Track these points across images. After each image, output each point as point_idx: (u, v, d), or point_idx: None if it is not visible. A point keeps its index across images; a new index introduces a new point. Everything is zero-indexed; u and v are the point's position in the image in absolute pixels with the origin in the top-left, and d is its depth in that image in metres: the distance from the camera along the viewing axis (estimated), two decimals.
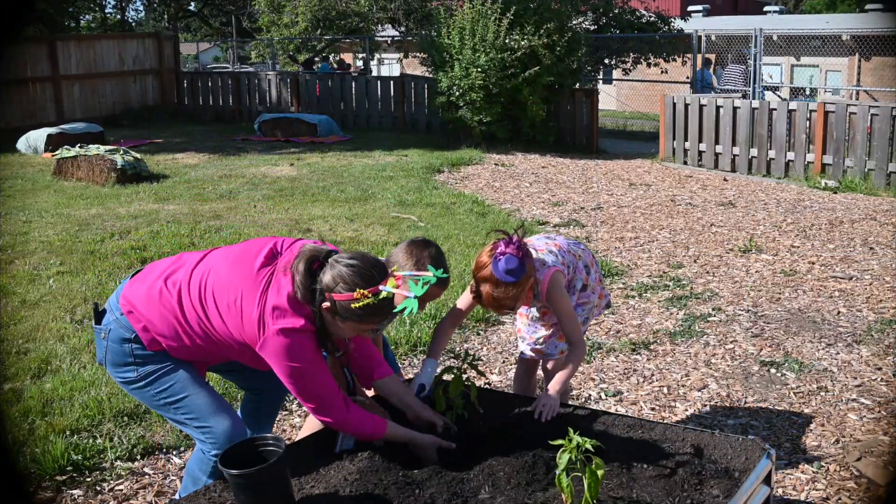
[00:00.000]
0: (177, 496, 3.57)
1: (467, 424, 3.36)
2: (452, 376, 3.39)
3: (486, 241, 7.72)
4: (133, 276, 3.29)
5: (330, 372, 3.07)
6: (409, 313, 2.89)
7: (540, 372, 4.37)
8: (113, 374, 3.24)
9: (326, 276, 2.91)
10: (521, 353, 4.24)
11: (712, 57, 20.91)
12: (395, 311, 2.96)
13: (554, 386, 3.59)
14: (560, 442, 2.78)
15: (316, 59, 27.85)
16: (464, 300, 3.78)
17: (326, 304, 2.91)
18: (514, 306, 3.55)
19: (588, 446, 2.71)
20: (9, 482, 2.76)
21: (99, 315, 3.24)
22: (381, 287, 2.87)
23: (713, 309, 6.42)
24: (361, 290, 2.85)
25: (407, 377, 4.38)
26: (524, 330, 4.17)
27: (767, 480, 3.14)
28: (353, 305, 2.87)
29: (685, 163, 13.56)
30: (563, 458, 2.73)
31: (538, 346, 4.10)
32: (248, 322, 2.98)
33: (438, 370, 3.54)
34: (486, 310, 3.67)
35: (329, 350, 3.07)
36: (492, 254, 3.42)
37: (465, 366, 3.48)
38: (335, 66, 26.83)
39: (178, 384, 3.18)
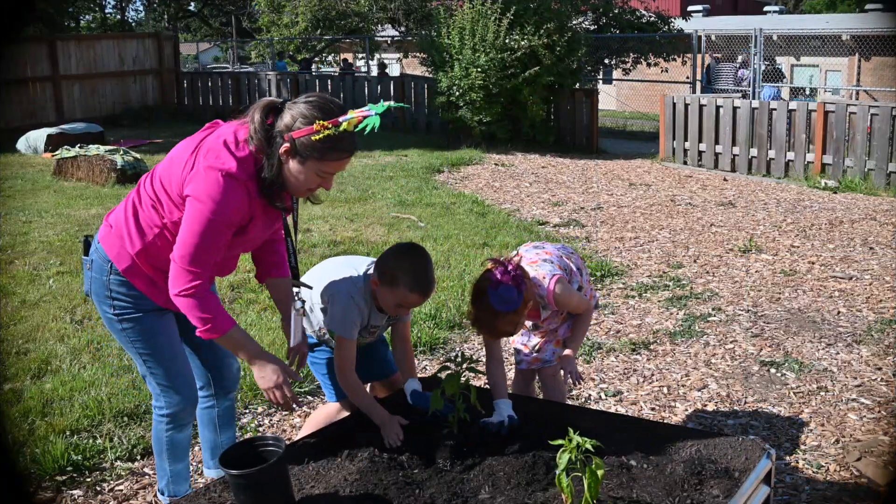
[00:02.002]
0: (157, 488, 3.62)
1: (468, 425, 3.35)
2: (447, 374, 3.37)
3: (483, 263, 7.74)
4: None
5: (222, 250, 2.96)
6: (370, 129, 2.81)
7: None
8: (97, 307, 3.30)
9: (285, 118, 2.87)
10: (518, 365, 4.19)
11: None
12: (357, 129, 2.83)
13: (572, 348, 3.85)
14: (560, 442, 2.78)
15: (315, 59, 27.86)
16: (487, 342, 3.72)
17: (285, 146, 2.86)
18: (513, 332, 3.55)
19: (588, 446, 2.71)
20: (8, 482, 2.76)
21: (87, 247, 3.31)
22: (340, 119, 2.82)
23: (713, 309, 6.42)
24: (321, 122, 2.80)
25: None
26: (518, 341, 4.12)
27: (767, 480, 3.14)
28: (313, 139, 2.82)
29: (685, 163, 13.56)
30: (562, 458, 2.73)
31: (535, 355, 4.07)
32: (181, 171, 2.96)
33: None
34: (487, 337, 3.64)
35: (273, 201, 2.99)
36: (486, 282, 3.39)
37: (463, 368, 3.46)
38: (298, 65, 26.78)
39: (150, 338, 3.25)
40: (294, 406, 3.16)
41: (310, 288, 3.41)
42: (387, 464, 3.06)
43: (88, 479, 4.09)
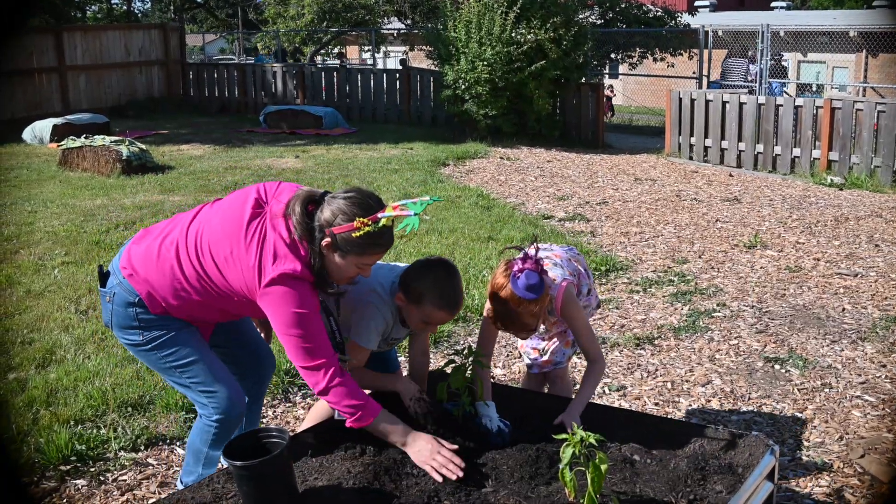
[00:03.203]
0: (179, 477, 3.58)
1: (472, 419, 3.35)
2: (453, 368, 3.37)
3: (500, 254, 7.74)
4: (132, 239, 3.31)
5: (324, 331, 3.01)
6: (411, 230, 2.86)
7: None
8: (119, 336, 3.27)
9: (325, 213, 2.91)
10: (530, 369, 4.13)
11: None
12: (396, 231, 2.90)
13: (576, 408, 3.38)
14: (564, 436, 2.77)
15: (321, 51, 27.85)
16: (485, 340, 3.64)
17: (327, 241, 2.91)
18: (535, 325, 3.42)
19: (592, 441, 2.71)
20: (6, 476, 2.77)
21: (103, 277, 3.26)
22: (379, 214, 2.86)
23: (718, 304, 6.41)
24: (361, 219, 2.84)
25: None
26: (528, 345, 4.07)
27: (771, 477, 3.14)
28: (353, 235, 2.86)
29: (691, 158, 13.54)
30: (566, 453, 2.73)
31: (546, 358, 4.02)
32: (246, 271, 2.97)
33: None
34: (506, 332, 3.54)
35: (327, 289, 3.03)
36: (507, 273, 3.28)
37: (469, 361, 3.45)
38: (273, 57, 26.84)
39: (183, 349, 3.21)
40: (460, 470, 2.96)
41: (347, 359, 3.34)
42: (389, 457, 3.06)
43: (92, 469, 4.09)
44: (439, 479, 2.92)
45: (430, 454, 2.99)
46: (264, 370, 3.64)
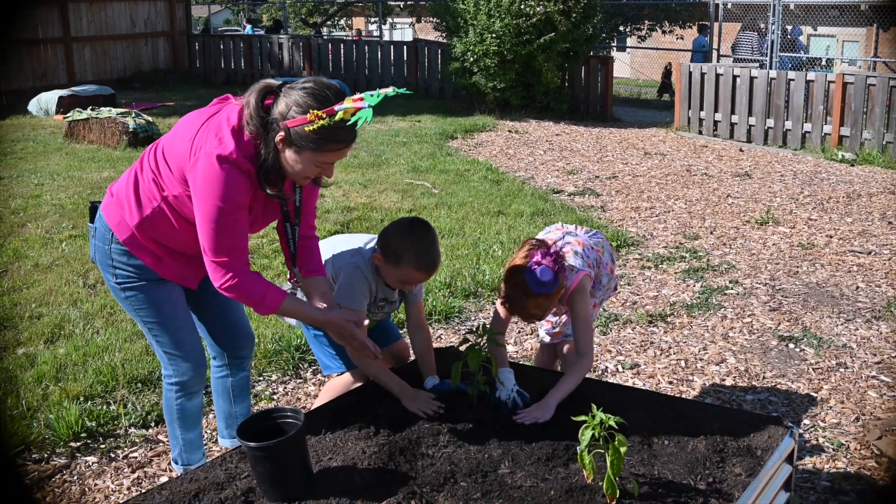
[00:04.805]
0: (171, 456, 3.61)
1: (488, 398, 3.32)
2: (467, 346, 3.34)
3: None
4: None
5: (244, 233, 2.93)
6: (363, 122, 2.71)
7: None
8: (103, 275, 3.28)
9: (280, 105, 2.79)
10: (541, 340, 4.16)
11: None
12: (350, 123, 2.72)
13: (553, 397, 3.30)
14: (583, 418, 2.73)
15: (328, 21, 27.69)
16: (499, 320, 3.63)
17: (280, 135, 2.79)
18: (542, 317, 3.50)
19: (612, 423, 2.66)
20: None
21: (93, 213, 3.26)
22: (335, 107, 2.72)
23: (730, 281, 6.36)
24: (316, 112, 2.71)
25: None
26: None
27: (790, 459, 3.10)
28: (307, 129, 2.73)
29: (700, 132, 13.44)
30: (585, 435, 2.69)
31: (557, 329, 4.03)
32: (184, 146, 2.91)
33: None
34: (512, 314, 3.55)
35: (273, 191, 2.91)
36: (526, 260, 3.32)
37: (484, 340, 3.41)
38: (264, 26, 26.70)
39: (153, 308, 3.21)
40: (373, 350, 3.12)
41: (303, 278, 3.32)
42: (404, 437, 3.03)
43: (103, 446, 4.07)
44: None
45: (343, 327, 3.05)
46: (239, 351, 3.59)
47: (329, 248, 3.54)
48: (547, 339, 4.09)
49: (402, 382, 3.34)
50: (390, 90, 2.80)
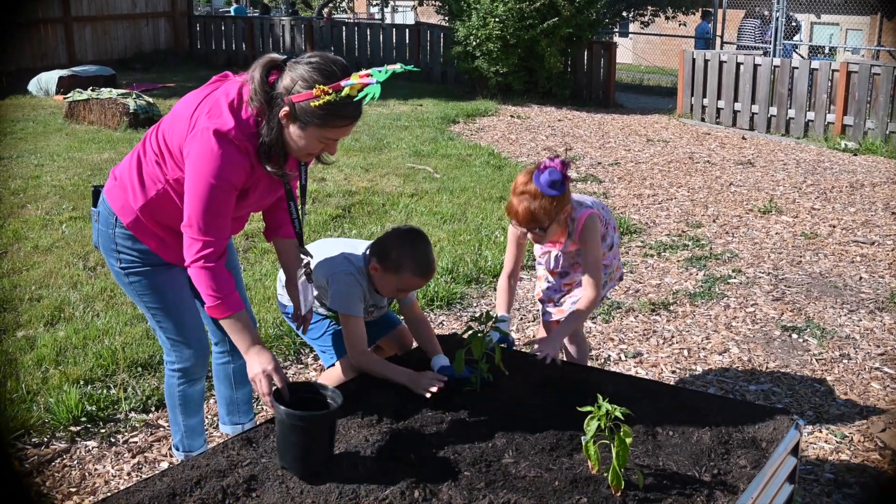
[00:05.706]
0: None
1: (492, 387, 3.30)
2: (470, 334, 3.31)
3: (503, 196, 7.64)
4: None
5: (230, 213, 2.87)
6: (370, 99, 2.67)
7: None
8: (106, 260, 3.26)
9: (285, 79, 2.74)
10: (544, 316, 4.16)
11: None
12: (357, 98, 2.67)
13: (561, 330, 3.59)
14: (588, 409, 2.71)
15: (330, 2, 27.57)
16: (510, 250, 3.81)
17: (285, 110, 2.74)
18: (546, 225, 3.50)
19: (618, 414, 2.64)
20: None
21: (96, 197, 3.24)
22: (342, 83, 2.67)
23: (733, 270, 6.33)
24: (322, 87, 2.65)
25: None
26: (543, 293, 4.11)
27: (795, 451, 3.08)
28: (312, 104, 2.67)
29: (703, 120, 13.39)
30: (591, 425, 2.66)
31: (561, 307, 4.03)
32: (183, 124, 2.86)
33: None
34: (517, 227, 3.62)
35: (273, 168, 2.85)
36: (531, 171, 3.45)
37: (487, 327, 3.38)
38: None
39: (157, 293, 3.20)
40: (281, 394, 2.84)
41: (311, 257, 3.33)
42: (407, 425, 3.01)
43: (103, 431, 4.05)
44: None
45: (262, 370, 2.87)
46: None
47: (321, 250, 3.54)
48: (552, 316, 4.07)
49: (408, 371, 3.32)
50: (398, 66, 2.77)
